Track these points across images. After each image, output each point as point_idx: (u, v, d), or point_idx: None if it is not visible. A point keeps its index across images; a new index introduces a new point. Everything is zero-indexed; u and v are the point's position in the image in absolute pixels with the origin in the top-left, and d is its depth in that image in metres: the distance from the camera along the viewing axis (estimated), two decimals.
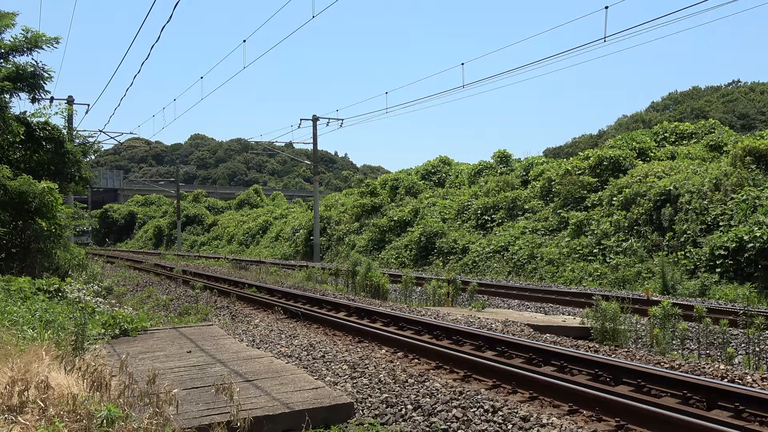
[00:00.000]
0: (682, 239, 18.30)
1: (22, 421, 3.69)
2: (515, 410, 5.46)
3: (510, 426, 5.14)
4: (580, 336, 10.35)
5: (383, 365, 7.37)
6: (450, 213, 30.29)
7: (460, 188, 33.98)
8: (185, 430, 4.40)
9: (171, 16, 9.79)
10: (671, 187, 19.81)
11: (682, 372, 6.77)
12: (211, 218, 63.01)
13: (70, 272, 16.59)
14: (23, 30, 16.27)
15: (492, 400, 5.75)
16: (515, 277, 22.21)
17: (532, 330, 10.23)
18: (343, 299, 13.69)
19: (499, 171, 32.65)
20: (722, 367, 7.23)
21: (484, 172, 33.70)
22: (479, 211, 28.19)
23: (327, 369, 7.31)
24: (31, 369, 4.36)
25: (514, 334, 9.43)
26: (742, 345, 9.74)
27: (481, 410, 5.50)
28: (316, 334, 10.16)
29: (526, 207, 26.60)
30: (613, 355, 7.90)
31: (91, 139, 24.48)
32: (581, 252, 21.00)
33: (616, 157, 24.78)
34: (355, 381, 6.72)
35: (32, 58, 16.56)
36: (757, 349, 9.04)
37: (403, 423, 5.44)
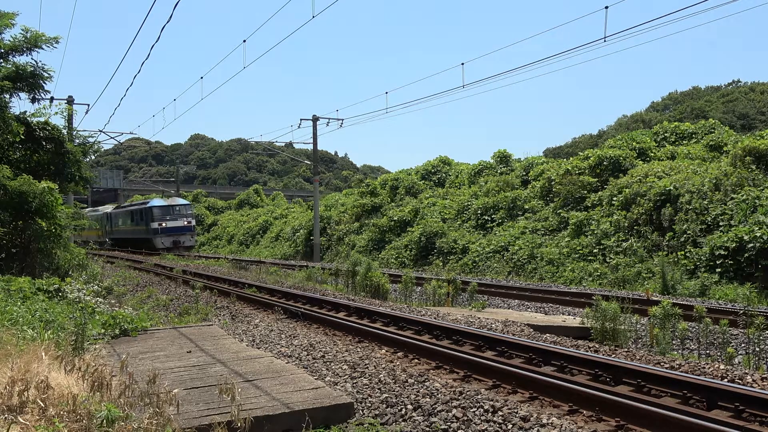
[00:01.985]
0: (682, 239, 18.30)
1: (22, 421, 3.69)
2: (515, 410, 5.46)
3: (510, 426, 5.14)
4: (580, 336, 10.35)
5: (383, 365, 7.37)
6: (450, 213, 30.30)
7: (460, 188, 33.99)
8: (185, 430, 4.40)
9: (171, 16, 9.80)
10: (671, 187, 19.81)
11: (682, 372, 6.78)
12: (211, 218, 63.03)
13: (70, 272, 16.58)
14: (23, 30, 16.27)
15: (492, 400, 5.75)
16: (515, 277, 22.20)
17: (532, 330, 10.23)
18: (343, 299, 13.69)
19: (499, 171, 32.66)
20: (722, 367, 7.23)
21: (484, 172, 33.70)
22: (479, 211, 28.20)
23: (327, 369, 7.31)
24: (31, 369, 4.36)
25: (514, 334, 9.43)
26: (742, 345, 9.74)
27: (481, 410, 5.50)
28: (316, 334, 10.16)
29: (526, 207, 26.61)
30: (613, 355, 7.90)
31: (91, 139, 24.48)
32: (581, 252, 21.00)
33: (616, 157, 24.78)
34: (355, 381, 6.72)
35: (32, 58, 16.57)
36: (757, 349, 9.04)
37: (403, 423, 5.44)
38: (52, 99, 24.81)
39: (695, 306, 10.79)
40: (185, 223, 45.43)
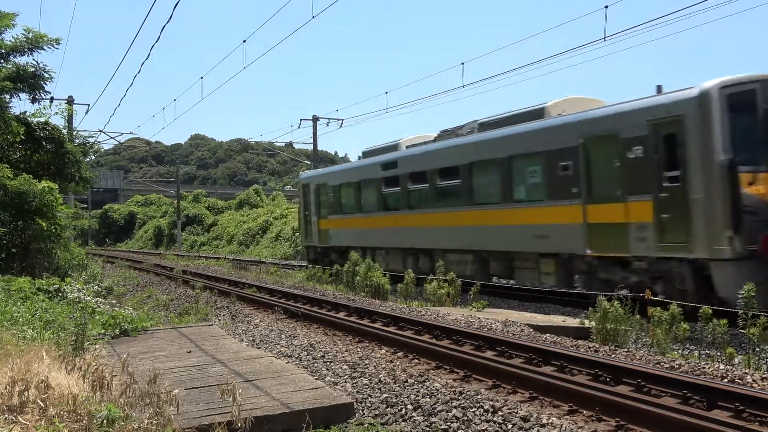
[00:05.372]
0: None
1: (22, 421, 3.70)
2: (515, 410, 5.46)
3: (510, 426, 5.14)
4: (580, 336, 10.34)
5: (383, 365, 7.38)
6: None
7: None
8: (185, 430, 4.40)
9: (171, 16, 9.80)
10: None
11: (682, 372, 6.78)
12: (211, 218, 62.92)
13: (70, 272, 16.59)
14: (24, 30, 16.24)
15: (492, 400, 5.75)
16: None
17: (532, 330, 10.23)
18: (343, 299, 13.69)
19: None
20: (722, 367, 7.23)
21: None
22: None
23: (327, 369, 7.31)
24: (31, 369, 4.37)
25: (514, 334, 9.43)
26: (742, 345, 9.73)
27: (481, 410, 5.50)
28: (316, 334, 10.16)
29: None
30: (613, 355, 7.90)
31: (91, 139, 24.51)
32: None
33: None
34: (355, 381, 6.72)
35: (33, 59, 16.54)
36: (757, 349, 9.03)
37: (403, 423, 5.44)
38: (52, 99, 24.73)
39: (695, 306, 10.78)
40: None
